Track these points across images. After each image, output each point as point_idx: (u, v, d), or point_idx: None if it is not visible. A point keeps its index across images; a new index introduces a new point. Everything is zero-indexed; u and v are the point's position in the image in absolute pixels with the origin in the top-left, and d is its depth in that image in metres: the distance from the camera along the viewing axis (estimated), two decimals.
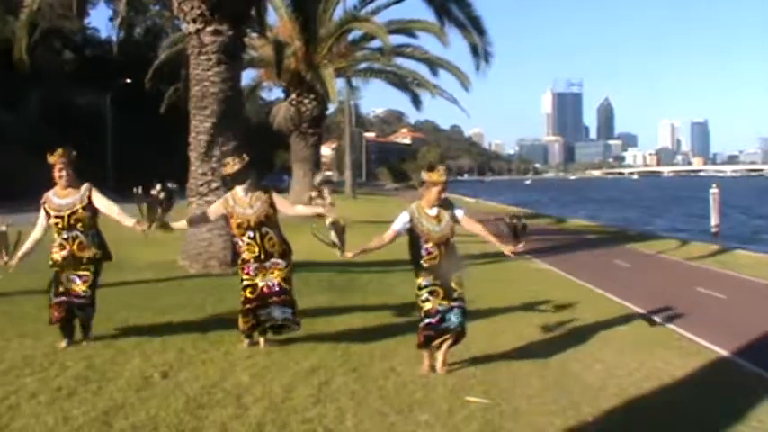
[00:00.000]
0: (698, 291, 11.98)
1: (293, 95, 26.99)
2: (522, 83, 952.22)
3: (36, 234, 6.69)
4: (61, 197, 6.57)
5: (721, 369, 7.00)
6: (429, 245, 6.03)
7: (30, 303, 8.68)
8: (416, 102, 30.39)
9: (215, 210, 6.83)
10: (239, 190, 6.59)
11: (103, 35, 61.35)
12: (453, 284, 6.08)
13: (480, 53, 22.00)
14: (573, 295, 10.82)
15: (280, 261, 6.57)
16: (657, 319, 9.31)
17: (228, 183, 6.71)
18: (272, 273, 6.54)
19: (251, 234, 6.49)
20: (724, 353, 7.57)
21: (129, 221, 6.61)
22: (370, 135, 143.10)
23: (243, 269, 6.60)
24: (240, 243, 6.58)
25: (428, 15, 23.39)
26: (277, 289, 6.53)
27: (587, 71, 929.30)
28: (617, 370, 6.54)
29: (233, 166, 6.58)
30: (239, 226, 6.52)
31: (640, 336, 8.21)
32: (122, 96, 46.16)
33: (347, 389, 5.57)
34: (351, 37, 27.94)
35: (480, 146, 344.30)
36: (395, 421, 4.92)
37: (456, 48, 23.74)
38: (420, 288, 6.08)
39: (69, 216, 6.50)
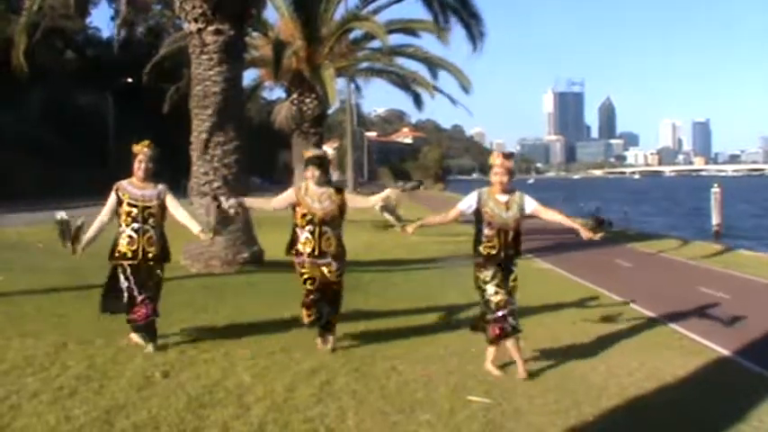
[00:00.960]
0: (699, 290, 11.97)
1: (294, 95, 26.95)
2: (523, 82, 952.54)
3: (103, 218, 6.58)
4: (138, 188, 6.53)
5: (723, 369, 6.99)
6: (489, 231, 6.04)
7: (30, 303, 8.69)
8: (418, 102, 30.35)
9: (283, 198, 6.78)
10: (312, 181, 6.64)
11: (105, 35, 61.48)
12: (513, 290, 6.18)
13: (475, 34, 21.77)
14: (574, 295, 10.82)
15: (332, 262, 6.57)
16: (659, 318, 9.30)
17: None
18: (324, 272, 6.57)
19: (311, 228, 6.51)
20: (725, 352, 7.57)
21: (195, 227, 6.70)
22: (372, 134, 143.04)
23: (297, 261, 6.61)
24: (299, 233, 6.58)
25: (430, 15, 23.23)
26: (330, 289, 6.61)
27: (589, 70, 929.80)
28: (618, 370, 6.54)
29: (313, 151, 6.78)
30: (303, 216, 6.54)
31: (642, 335, 8.20)
32: (124, 96, 46.16)
33: (349, 388, 5.57)
34: (352, 36, 27.92)
35: (482, 145, 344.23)
36: (397, 421, 4.92)
37: (459, 50, 23.63)
38: (485, 282, 6.09)
39: (144, 209, 6.46)
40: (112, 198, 6.53)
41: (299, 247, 6.56)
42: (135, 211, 6.43)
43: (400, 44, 27.45)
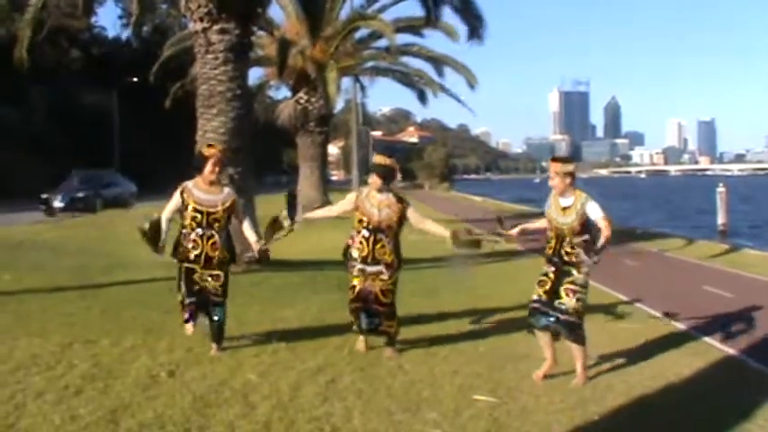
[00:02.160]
0: (705, 289, 11.94)
1: (300, 94, 26.99)
2: (529, 81, 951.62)
3: (168, 216, 6.54)
4: (203, 192, 6.43)
5: (728, 367, 6.97)
6: (549, 232, 6.08)
7: (36, 302, 8.72)
8: (422, 98, 30.40)
9: (345, 202, 6.80)
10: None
11: (111, 34, 61.64)
12: (563, 291, 6.01)
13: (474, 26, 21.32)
14: None
15: (384, 271, 6.51)
16: (665, 317, 9.28)
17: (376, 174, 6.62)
18: (374, 282, 6.51)
19: (365, 234, 6.49)
20: (731, 352, 7.54)
21: (252, 236, 6.69)
22: (378, 134, 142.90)
23: (349, 268, 6.62)
24: (354, 237, 6.57)
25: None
26: (372, 297, 6.51)
27: (594, 70, 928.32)
28: (624, 368, 6.53)
29: (385, 159, 6.73)
30: (360, 221, 6.52)
31: (647, 334, 8.17)
32: (129, 95, 46.24)
33: (354, 387, 5.57)
34: (358, 35, 27.95)
35: (487, 144, 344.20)
36: (402, 420, 4.92)
37: (463, 49, 23.55)
38: (540, 275, 6.16)
39: (209, 215, 6.37)
40: (177, 199, 6.47)
41: (353, 252, 6.55)
42: (199, 216, 6.36)
43: (405, 43, 27.48)
